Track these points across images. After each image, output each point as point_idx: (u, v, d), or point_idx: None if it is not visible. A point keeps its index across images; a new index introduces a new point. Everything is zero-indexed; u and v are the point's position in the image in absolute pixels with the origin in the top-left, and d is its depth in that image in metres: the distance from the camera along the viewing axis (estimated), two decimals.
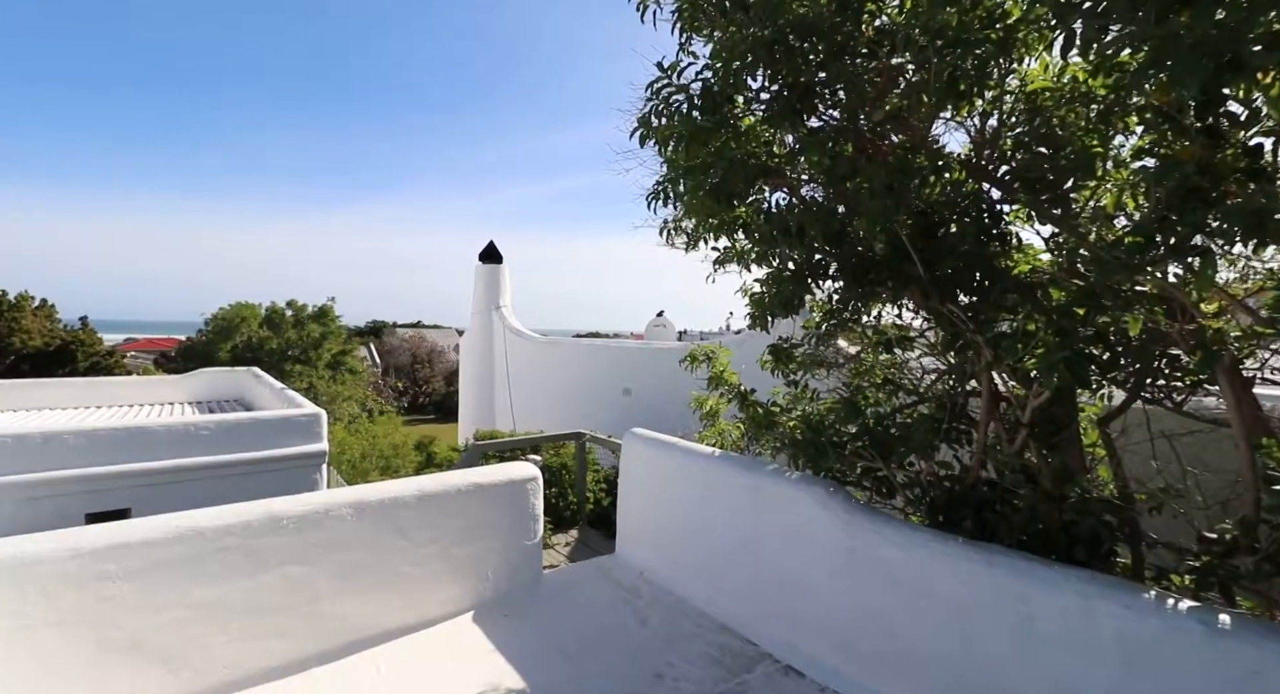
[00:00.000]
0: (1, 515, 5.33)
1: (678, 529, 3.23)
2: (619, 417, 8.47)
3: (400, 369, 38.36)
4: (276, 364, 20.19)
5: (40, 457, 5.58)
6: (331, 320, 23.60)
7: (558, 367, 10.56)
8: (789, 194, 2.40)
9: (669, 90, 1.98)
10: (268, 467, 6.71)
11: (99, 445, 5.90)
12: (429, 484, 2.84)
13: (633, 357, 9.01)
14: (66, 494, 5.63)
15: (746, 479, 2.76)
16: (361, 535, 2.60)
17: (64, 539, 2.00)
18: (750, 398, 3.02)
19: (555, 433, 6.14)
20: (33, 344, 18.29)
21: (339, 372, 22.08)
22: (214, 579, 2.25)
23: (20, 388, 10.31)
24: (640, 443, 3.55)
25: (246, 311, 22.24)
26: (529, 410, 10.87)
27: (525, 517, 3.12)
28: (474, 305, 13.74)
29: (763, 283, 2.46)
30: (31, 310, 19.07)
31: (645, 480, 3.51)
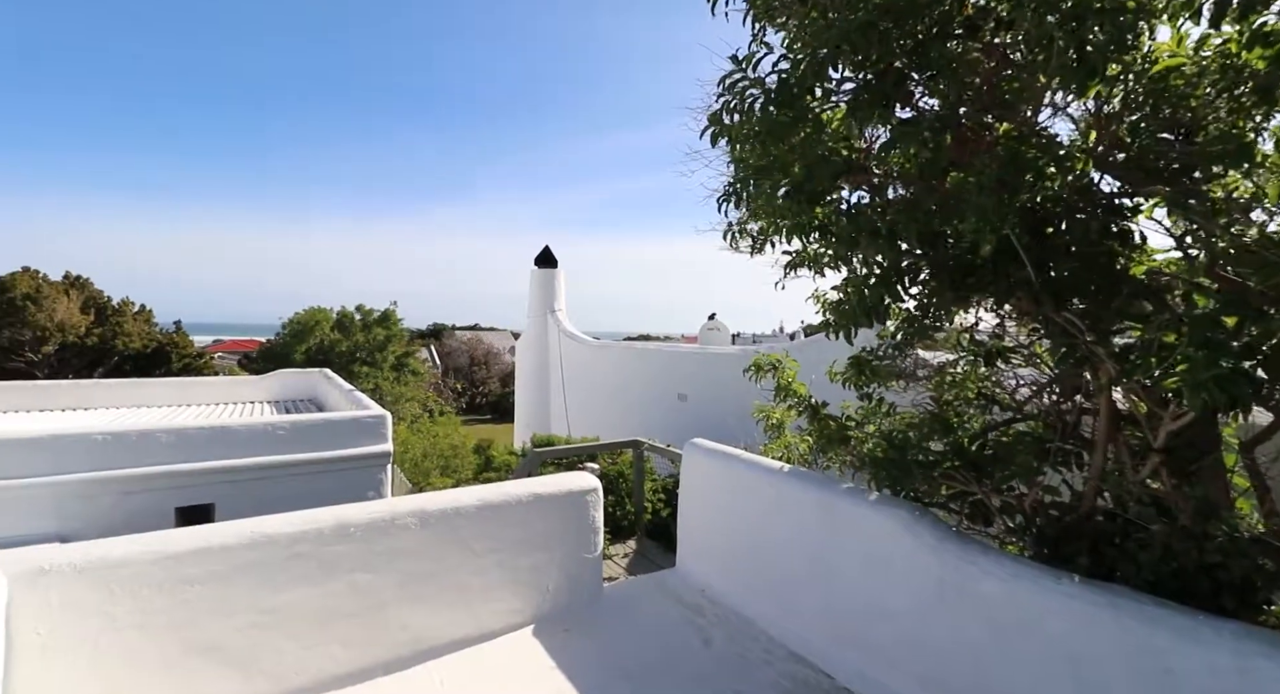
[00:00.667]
0: (102, 507, 5.75)
1: (742, 546, 3.08)
2: (673, 422, 8.35)
3: (459, 370, 39.68)
4: (345, 366, 21.26)
5: (136, 453, 5.99)
6: (394, 324, 24.65)
7: (612, 370, 10.55)
8: (870, 192, 2.21)
9: (743, 84, 1.85)
10: (338, 466, 6.99)
11: (187, 443, 6.29)
12: (489, 494, 2.81)
13: (688, 361, 8.85)
14: (158, 489, 6.02)
15: (819, 497, 2.58)
16: (424, 544, 2.59)
17: (149, 543, 2.06)
18: (822, 411, 2.83)
19: (612, 440, 6.09)
20: (133, 346, 19.98)
21: (402, 373, 23.04)
22: (286, 585, 2.28)
23: (122, 387, 11.25)
24: (701, 454, 3.42)
25: (319, 316, 23.55)
26: (583, 414, 10.92)
27: (586, 529, 3.05)
28: (530, 309, 13.97)
29: (842, 288, 2.28)
30: (132, 315, 20.86)
31: (707, 493, 3.38)
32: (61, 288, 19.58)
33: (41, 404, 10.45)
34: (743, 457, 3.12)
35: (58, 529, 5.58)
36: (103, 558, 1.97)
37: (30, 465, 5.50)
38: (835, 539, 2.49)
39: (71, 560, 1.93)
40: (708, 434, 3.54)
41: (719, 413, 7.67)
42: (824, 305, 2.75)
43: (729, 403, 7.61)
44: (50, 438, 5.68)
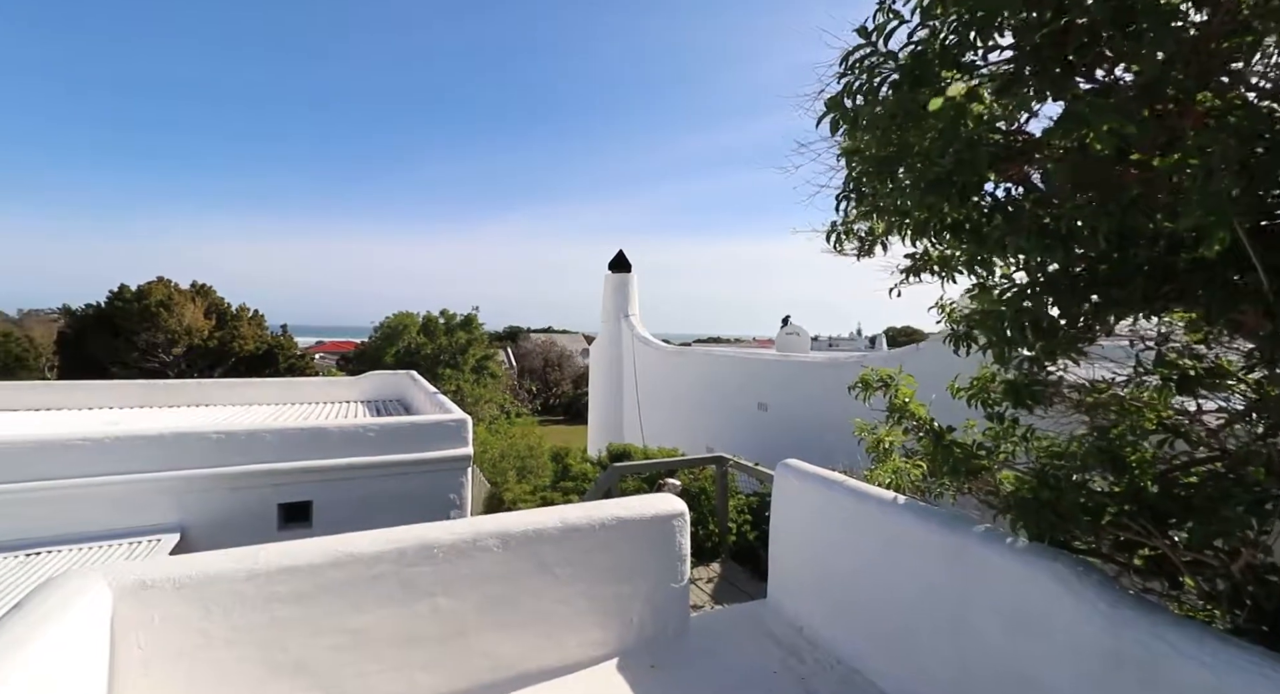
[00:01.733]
0: (215, 502, 6.19)
1: (845, 584, 2.75)
2: (753, 434, 7.96)
3: (533, 372, 40.78)
4: (430, 368, 22.33)
5: (245, 451, 6.41)
6: (476, 328, 25.66)
7: (687, 377, 10.26)
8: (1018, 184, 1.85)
9: (871, 60, 1.57)
10: (422, 467, 7.20)
11: (288, 443, 6.66)
12: (572, 515, 2.66)
13: (768, 369, 8.39)
14: (263, 486, 6.41)
15: (949, 539, 2.22)
16: (506, 568, 2.47)
17: (240, 559, 2.05)
18: (948, 437, 2.46)
19: (695, 456, 5.85)
20: (247, 348, 21.96)
21: (482, 376, 23.93)
22: (369, 606, 2.22)
23: (236, 386, 12.28)
24: (796, 477, 3.12)
25: (407, 320, 24.93)
26: (657, 421, 10.73)
27: (672, 556, 2.83)
28: (603, 314, 13.98)
29: (985, 298, 1.93)
30: (247, 319, 22.96)
31: (803, 521, 3.07)
32: (189, 295, 21.90)
33: (171, 401, 11.59)
34: (848, 483, 2.79)
35: (179, 521, 6.05)
36: (200, 573, 1.98)
37: (156, 461, 6.00)
38: (970, 591, 2.12)
39: (171, 575, 1.94)
40: (791, 449, 3.23)
41: (804, 425, 7.21)
42: (950, 315, 2.38)
43: (815, 415, 7.14)
44: (173, 436, 6.17)
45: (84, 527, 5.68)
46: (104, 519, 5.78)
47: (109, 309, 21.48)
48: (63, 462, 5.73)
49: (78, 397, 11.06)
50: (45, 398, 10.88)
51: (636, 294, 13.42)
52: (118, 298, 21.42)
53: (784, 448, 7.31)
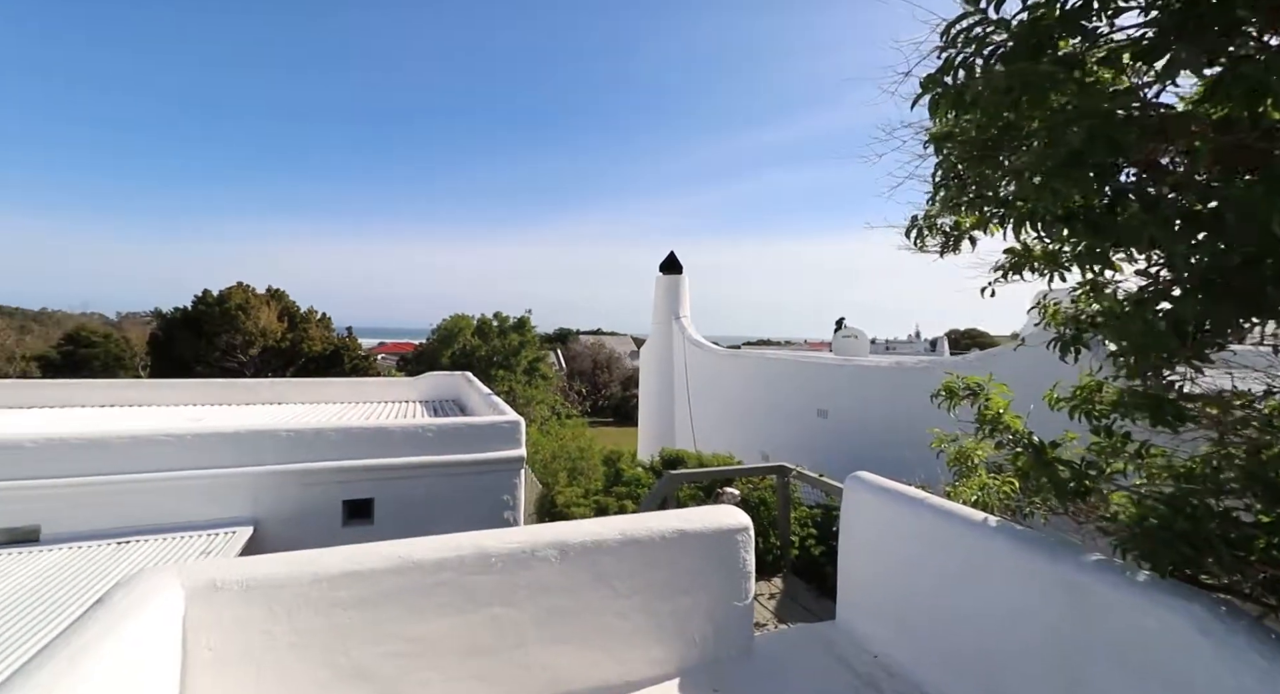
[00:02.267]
0: (286, 497, 6.45)
1: (931, 612, 2.52)
2: (812, 441, 7.62)
3: (583, 374, 41.20)
4: (484, 369, 22.89)
5: (312, 449, 6.66)
6: (528, 330, 26.13)
7: (740, 380, 9.99)
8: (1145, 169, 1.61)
9: (981, 29, 1.39)
10: (476, 468, 7.30)
11: (352, 441, 6.89)
12: (632, 527, 2.55)
13: (827, 373, 7.98)
14: (329, 482, 6.65)
15: (1059, 571, 1.98)
16: (564, 579, 2.39)
17: (304, 563, 2.05)
18: (1051, 453, 2.20)
19: (755, 465, 5.63)
20: (315, 349, 23.13)
21: (533, 377, 24.33)
22: (429, 614, 2.18)
23: (306, 385, 12.92)
24: (869, 492, 2.90)
25: (462, 322, 25.67)
26: (709, 426, 10.53)
27: (736, 573, 2.68)
28: (654, 316, 13.89)
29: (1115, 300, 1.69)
30: (316, 322, 24.21)
31: (877, 539, 2.85)
32: (264, 299, 23.32)
33: (247, 399, 12.30)
34: (930, 501, 2.56)
35: (252, 515, 6.35)
36: (267, 576, 1.98)
37: (233, 457, 6.31)
38: (1083, 632, 1.88)
39: (240, 577, 1.96)
40: (853, 457, 3.02)
41: (867, 433, 6.85)
42: (1054, 317, 2.14)
43: (879, 422, 6.77)
44: (249, 433, 6.48)
45: (169, 518, 6.03)
46: (187, 511, 6.12)
47: (194, 312, 23.15)
48: (152, 456, 6.11)
49: (166, 394, 11.91)
50: (139, 395, 11.77)
51: (688, 296, 13.24)
52: (201, 302, 23.06)
53: (845, 456, 6.98)
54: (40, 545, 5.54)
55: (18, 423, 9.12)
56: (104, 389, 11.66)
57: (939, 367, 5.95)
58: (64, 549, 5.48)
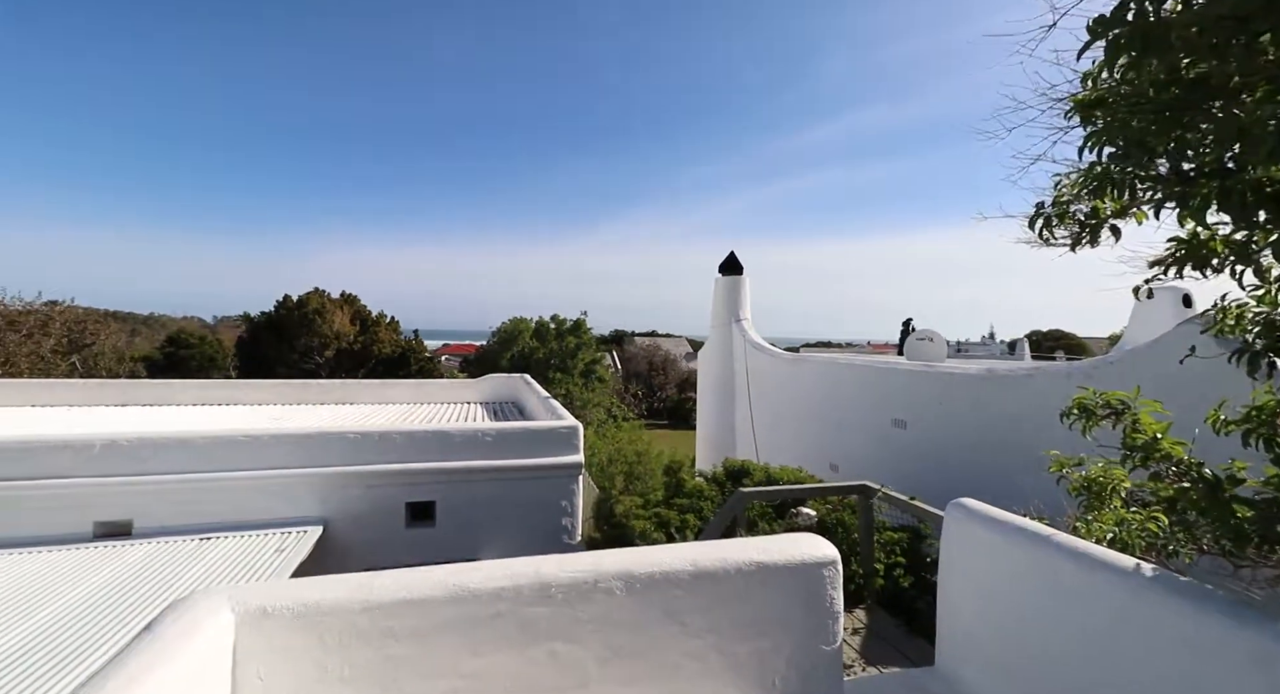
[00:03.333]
0: (352, 497, 6.58)
1: (1058, 673, 2.13)
2: (889, 455, 7.02)
3: (638, 376, 41.16)
4: (542, 371, 23.18)
5: (377, 451, 6.78)
6: (585, 333, 26.31)
7: (806, 387, 9.43)
8: None
9: None
10: (534, 473, 7.23)
11: (415, 444, 6.97)
12: (704, 557, 2.29)
13: (905, 380, 7.26)
14: (393, 484, 6.74)
15: (1247, 639, 1.57)
16: (630, 613, 2.16)
17: (357, 589, 1.92)
18: (1230, 489, 1.78)
19: (833, 483, 5.21)
20: (384, 351, 24.15)
21: (590, 380, 24.44)
22: (485, 648, 2.01)
23: (375, 387, 13.42)
24: (977, 524, 2.52)
25: (521, 325, 26.15)
26: (773, 435, 10.04)
27: (822, 612, 2.37)
28: (713, 318, 13.51)
29: None
30: (385, 325, 25.29)
31: (987, 579, 2.47)
32: (339, 303, 24.60)
33: (322, 399, 12.89)
34: (1060, 540, 2.17)
35: (322, 514, 6.51)
36: (317, 603, 1.86)
37: (306, 457, 6.50)
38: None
39: (290, 603, 1.84)
40: (938, 475, 2.65)
41: (954, 449, 6.20)
42: (1238, 323, 1.72)
43: (968, 437, 6.14)
44: (319, 435, 6.67)
45: (246, 515, 6.27)
46: (262, 509, 6.34)
47: (275, 316, 24.72)
48: (232, 455, 6.37)
49: (250, 393, 12.67)
50: (226, 394, 12.57)
51: (749, 297, 12.79)
52: (282, 306, 24.60)
53: (929, 474, 6.37)
54: (132, 540, 5.87)
55: (120, 420, 9.87)
56: (195, 389, 12.52)
57: (1043, 375, 5.32)
58: (152, 543, 5.78)
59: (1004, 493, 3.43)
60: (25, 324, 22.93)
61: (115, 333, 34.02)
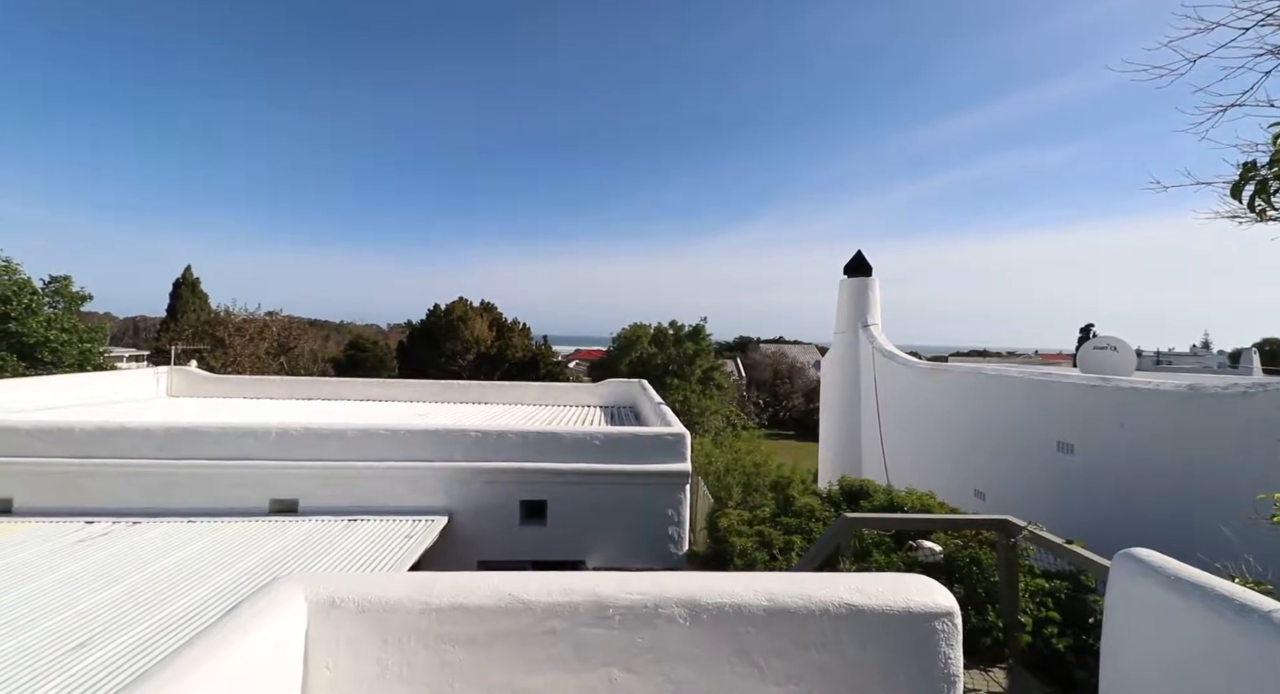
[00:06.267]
0: (473, 491, 7.02)
1: None
2: (1049, 485, 5.83)
3: (762, 384, 39.91)
4: (659, 377, 23.35)
5: (496, 449, 7.18)
6: (703, 339, 26.07)
7: (946, 401, 8.24)
8: None
9: None
10: (641, 480, 7.20)
11: (529, 445, 7.27)
12: (783, 591, 2.00)
13: (1075, 397, 5.85)
14: (509, 482, 7.09)
15: None
16: (696, 647, 1.95)
17: (417, 590, 1.93)
18: None
19: (965, 515, 4.46)
20: (516, 356, 25.92)
21: (708, 387, 24.12)
22: (540, 665, 1.92)
23: (507, 388, 14.44)
24: (1154, 581, 1.94)
25: (640, 331, 26.61)
26: (904, 454, 8.98)
27: (934, 673, 1.96)
28: (838, 323, 12.58)
29: None
30: (518, 331, 27.18)
31: (1167, 652, 1.89)
32: (479, 311, 26.96)
33: (461, 398, 14.14)
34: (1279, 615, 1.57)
35: (447, 505, 7.03)
36: (380, 599, 1.90)
37: (432, 452, 7.07)
38: None
39: (355, 597, 1.90)
40: (1115, 512, 2.05)
41: (1139, 482, 4.94)
42: None
43: (1159, 469, 4.87)
44: (447, 432, 7.22)
45: (385, 501, 6.95)
46: (398, 497, 7.00)
47: (427, 323, 27.76)
48: (376, 447, 7.12)
49: (404, 391, 14.31)
50: (385, 391, 14.30)
51: (878, 301, 11.69)
52: (433, 314, 27.58)
53: (1102, 511, 5.19)
54: (298, 516, 6.77)
55: (303, 411, 11.56)
56: (362, 386, 14.39)
57: (1269, 395, 4.08)
58: (312, 521, 6.62)
59: (1203, 543, 2.62)
60: (248, 331, 28.13)
61: (313, 337, 40.51)
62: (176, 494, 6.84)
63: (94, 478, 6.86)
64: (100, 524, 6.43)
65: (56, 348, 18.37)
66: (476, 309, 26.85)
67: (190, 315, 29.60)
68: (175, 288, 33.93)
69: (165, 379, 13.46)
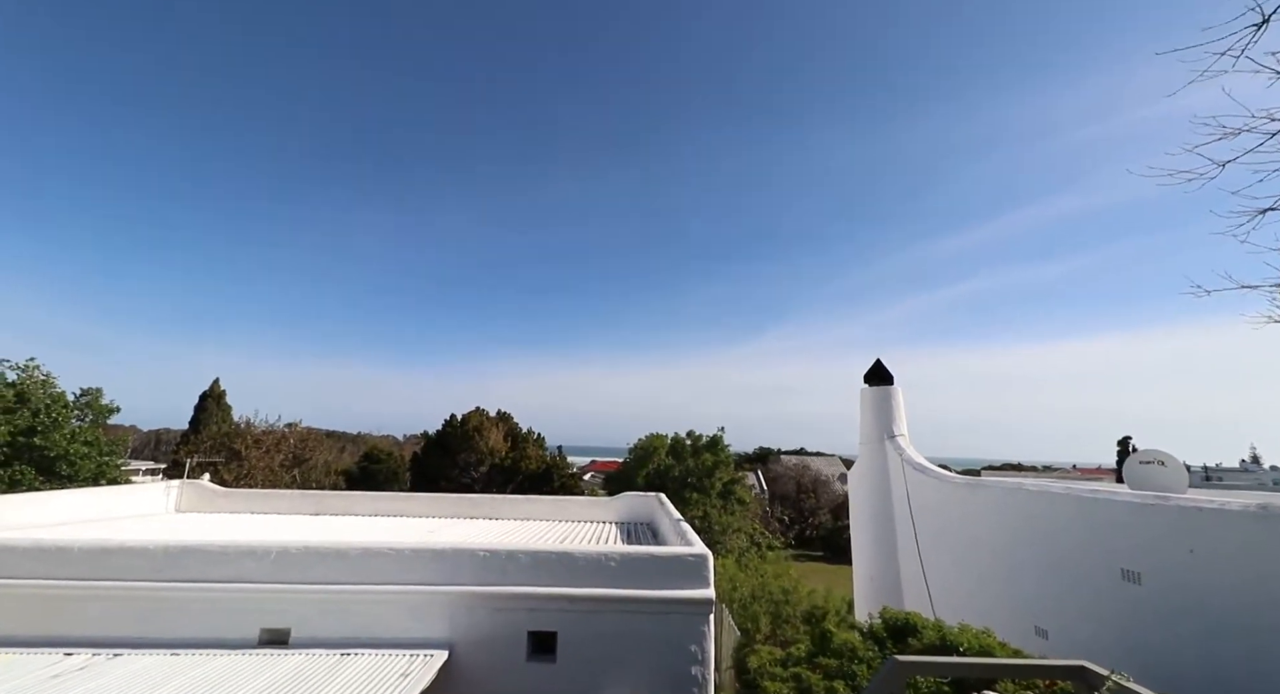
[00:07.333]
0: (477, 621, 6.45)
1: None
2: (1117, 617, 5.13)
3: (785, 498, 38.12)
4: (677, 491, 22.45)
5: (505, 571, 6.70)
6: (722, 450, 25.39)
7: (987, 521, 7.61)
8: None
9: None
10: (659, 608, 6.58)
11: (540, 566, 6.79)
12: None
13: (1131, 516, 5.29)
14: (516, 609, 6.52)
15: None
16: None
17: None
18: None
19: (1033, 660, 3.90)
20: (531, 467, 25.38)
21: (729, 502, 23.02)
22: None
23: (518, 502, 13.94)
24: None
25: (656, 442, 26.10)
26: (948, 580, 8.15)
27: None
28: (861, 434, 12.19)
29: None
30: (532, 442, 26.88)
31: None
32: (494, 421, 26.92)
33: (473, 513, 13.63)
34: None
35: (449, 636, 6.43)
36: None
37: (436, 574, 6.62)
38: None
39: None
40: (1198, 649, 1.66)
41: (1219, 617, 4.30)
42: None
43: (1236, 597, 4.29)
44: (452, 551, 6.81)
45: (382, 631, 6.39)
46: (396, 626, 6.44)
47: (443, 433, 27.67)
48: (380, 568, 6.70)
49: (414, 506, 13.86)
50: (394, 506, 13.87)
51: (903, 410, 11.38)
52: (449, 424, 27.56)
53: (1183, 648, 4.53)
54: (288, 649, 6.22)
55: (309, 527, 11.16)
56: (371, 500, 14.00)
57: None
58: (303, 655, 6.06)
59: None
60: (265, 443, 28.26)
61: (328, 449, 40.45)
62: (165, 620, 6.39)
63: (82, 602, 6.48)
64: (79, 655, 5.96)
65: (75, 461, 18.50)
66: (492, 419, 26.82)
67: (212, 427, 30.00)
68: (201, 400, 34.78)
69: (175, 493, 13.28)
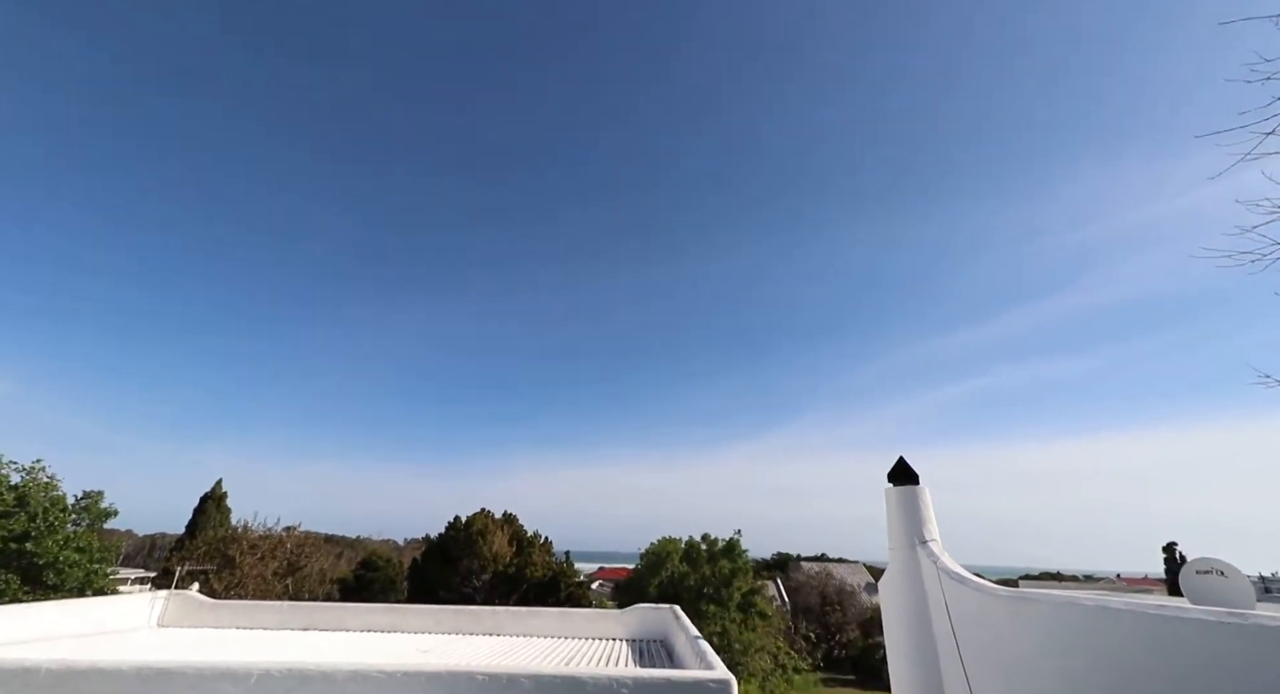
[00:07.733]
0: None
1: None
2: None
3: (809, 611, 35.20)
4: (693, 602, 20.84)
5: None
6: (739, 555, 23.88)
7: (1035, 637, 6.84)
8: None
9: None
10: None
11: (543, 689, 6.13)
12: None
13: (1204, 637, 4.61)
14: None
15: None
16: None
17: None
18: None
19: None
20: (537, 574, 23.89)
21: (749, 615, 21.20)
22: None
23: (521, 616, 12.94)
24: None
25: (670, 546, 24.67)
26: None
27: None
28: (890, 539, 11.39)
29: None
30: (539, 547, 25.53)
31: None
32: (500, 524, 25.75)
33: (472, 628, 12.63)
34: None
35: None
36: None
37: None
38: None
39: None
40: None
41: None
42: None
43: None
44: (448, 674, 6.21)
45: None
46: None
47: (445, 537, 26.39)
48: (368, 693, 6.08)
49: (409, 620, 12.89)
50: (388, 620, 12.93)
51: (933, 513, 10.71)
52: (452, 527, 26.36)
53: None
54: None
55: (298, 644, 10.33)
56: (364, 614, 13.07)
57: None
58: None
59: None
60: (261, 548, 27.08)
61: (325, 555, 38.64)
62: None
63: None
64: None
65: (63, 569, 17.74)
66: (498, 521, 25.63)
67: (209, 531, 28.98)
68: (201, 502, 33.94)
69: (160, 605, 12.52)
